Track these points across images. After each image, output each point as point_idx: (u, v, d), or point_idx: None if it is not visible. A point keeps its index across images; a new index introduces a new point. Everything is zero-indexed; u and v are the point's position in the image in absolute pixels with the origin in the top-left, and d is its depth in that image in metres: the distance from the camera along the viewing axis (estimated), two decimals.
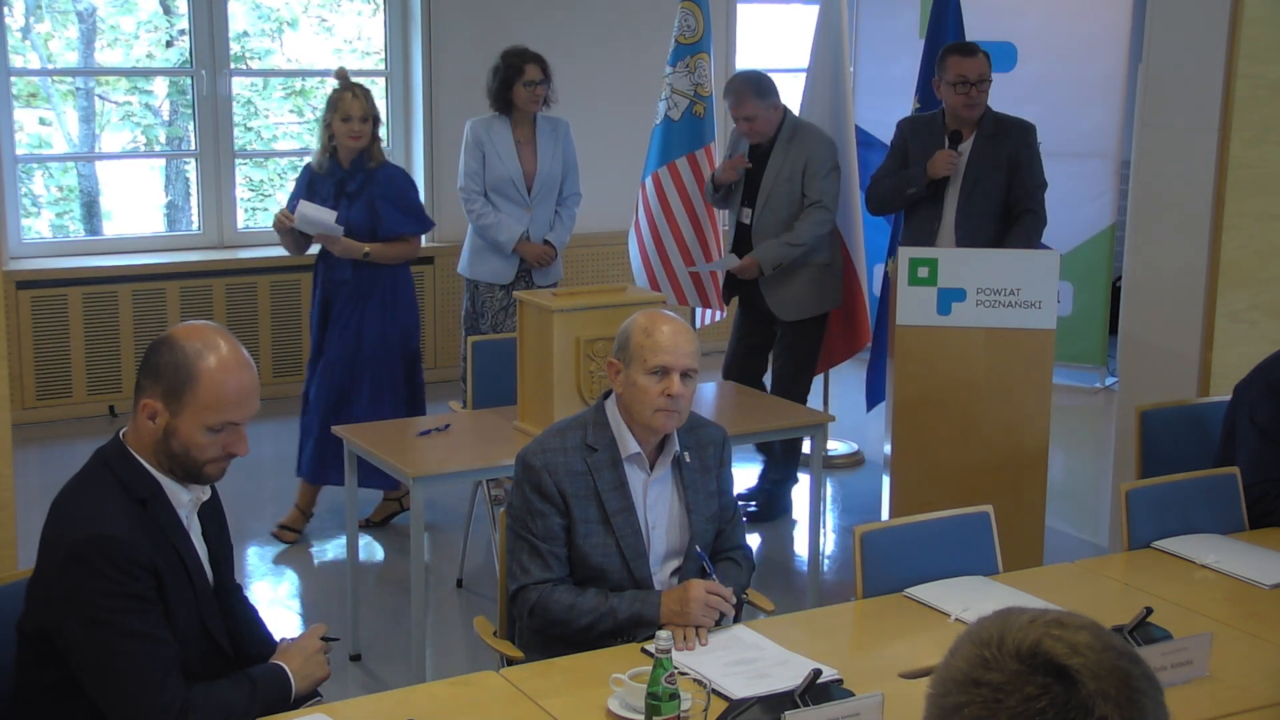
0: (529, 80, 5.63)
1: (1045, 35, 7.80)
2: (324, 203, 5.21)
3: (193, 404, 2.49)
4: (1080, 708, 1.24)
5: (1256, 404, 3.73)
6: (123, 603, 2.43)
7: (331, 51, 8.19)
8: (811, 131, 5.54)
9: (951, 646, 1.34)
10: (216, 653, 2.62)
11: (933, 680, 1.34)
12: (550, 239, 5.79)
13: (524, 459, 3.03)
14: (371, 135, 5.24)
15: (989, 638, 1.31)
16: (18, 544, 3.65)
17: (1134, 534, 3.41)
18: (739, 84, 5.48)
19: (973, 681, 1.28)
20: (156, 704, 2.44)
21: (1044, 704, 1.25)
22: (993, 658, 1.29)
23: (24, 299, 6.83)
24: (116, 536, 2.44)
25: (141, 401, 2.53)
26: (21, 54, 7.49)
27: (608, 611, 2.92)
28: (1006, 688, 1.26)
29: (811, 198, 5.38)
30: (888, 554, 3.14)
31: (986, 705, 1.27)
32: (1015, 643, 1.29)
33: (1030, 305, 4.48)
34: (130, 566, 2.44)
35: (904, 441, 4.67)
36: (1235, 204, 4.66)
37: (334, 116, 5.21)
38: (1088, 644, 1.28)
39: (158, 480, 2.56)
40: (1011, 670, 1.27)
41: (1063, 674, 1.26)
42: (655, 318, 3.06)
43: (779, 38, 9.09)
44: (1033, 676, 1.26)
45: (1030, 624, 1.31)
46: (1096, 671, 1.26)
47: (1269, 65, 4.63)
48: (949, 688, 1.30)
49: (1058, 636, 1.29)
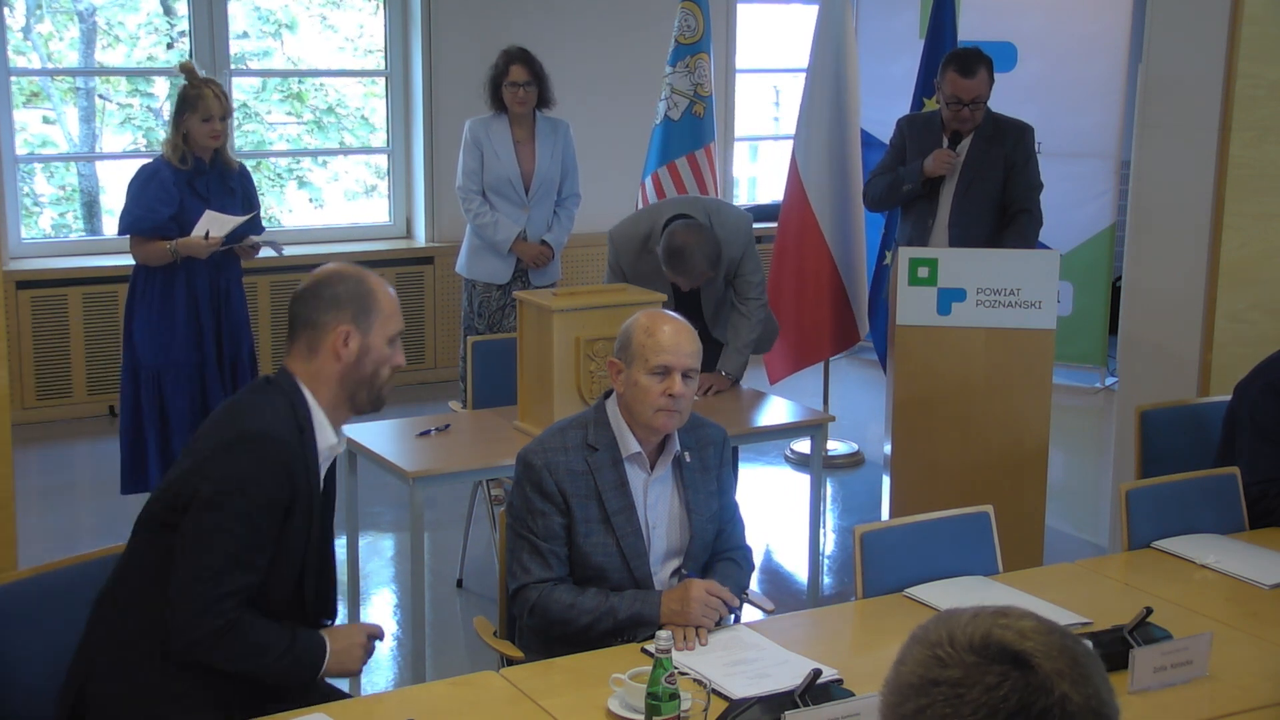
0: (512, 81, 5.63)
1: (1045, 35, 7.81)
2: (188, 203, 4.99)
3: (379, 317, 2.75)
4: (1040, 689, 1.26)
5: (1257, 404, 3.73)
6: (253, 503, 2.57)
7: (334, 50, 8.20)
8: (727, 233, 4.85)
9: (898, 655, 1.35)
10: (298, 601, 2.72)
11: (886, 691, 1.34)
12: (548, 239, 5.79)
13: (524, 458, 3.03)
14: (226, 133, 5.04)
15: (938, 638, 1.32)
16: (18, 544, 3.64)
17: (1134, 534, 3.41)
18: (699, 269, 4.70)
19: (930, 682, 1.29)
20: (209, 599, 2.54)
21: (1005, 690, 1.26)
22: (947, 655, 1.30)
23: (24, 299, 6.83)
24: (286, 441, 2.63)
25: (335, 330, 2.71)
26: (24, 54, 7.49)
27: (608, 611, 2.92)
28: (966, 681, 1.28)
29: (740, 288, 4.95)
30: (888, 554, 3.14)
31: (949, 702, 1.28)
32: (966, 637, 1.30)
33: (1030, 305, 4.48)
34: (280, 475, 2.59)
35: (904, 441, 4.67)
36: (1235, 204, 4.66)
37: (192, 116, 4.91)
38: (1034, 628, 1.31)
39: (312, 416, 2.72)
40: (969, 664, 1.28)
41: (1018, 659, 1.28)
42: (657, 317, 3.06)
43: (779, 38, 9.10)
44: (990, 666, 1.28)
45: (975, 619, 1.32)
46: (1048, 652, 1.29)
47: (1269, 65, 4.63)
48: (905, 694, 1.31)
49: (1005, 625, 1.31)
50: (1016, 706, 1.26)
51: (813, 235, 6.12)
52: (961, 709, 1.27)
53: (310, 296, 2.76)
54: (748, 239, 4.95)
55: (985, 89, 5.16)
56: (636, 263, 4.88)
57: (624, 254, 4.92)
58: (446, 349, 7.78)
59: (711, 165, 6.18)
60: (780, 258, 6.24)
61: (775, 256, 6.27)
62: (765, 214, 8.03)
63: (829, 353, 6.29)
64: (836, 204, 6.12)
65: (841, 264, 6.14)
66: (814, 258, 6.12)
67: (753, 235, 5.00)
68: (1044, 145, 5.85)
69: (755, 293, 4.95)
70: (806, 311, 6.16)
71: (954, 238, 5.23)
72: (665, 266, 4.71)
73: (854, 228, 6.19)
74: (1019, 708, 1.26)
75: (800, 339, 6.20)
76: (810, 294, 6.15)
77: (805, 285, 6.15)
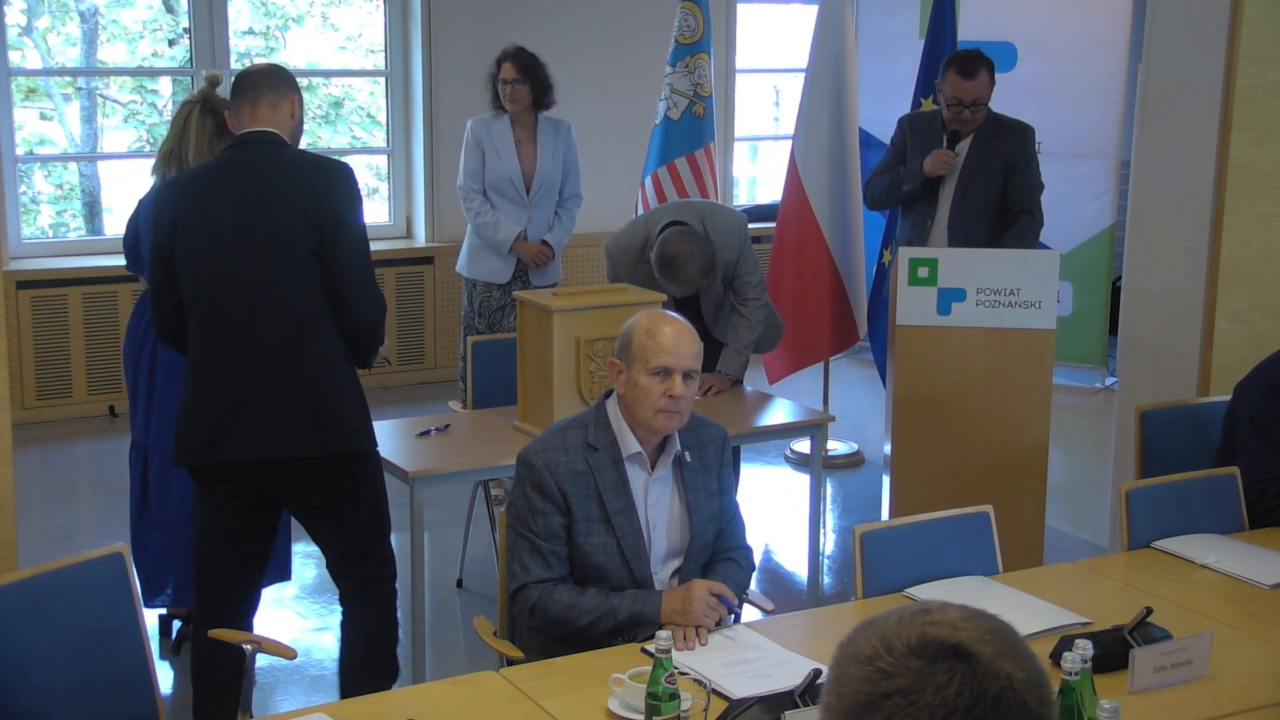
0: (503, 79, 5.64)
1: (1045, 35, 7.81)
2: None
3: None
4: (988, 675, 1.25)
5: (1257, 404, 3.73)
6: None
7: (335, 50, 8.20)
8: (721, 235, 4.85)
9: (831, 678, 1.31)
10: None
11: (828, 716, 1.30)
12: (549, 239, 5.79)
13: (525, 458, 3.03)
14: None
15: (873, 651, 1.28)
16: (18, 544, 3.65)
17: (1134, 534, 3.42)
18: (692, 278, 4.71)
19: (881, 696, 1.26)
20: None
21: (957, 685, 1.25)
22: (890, 666, 1.27)
23: (24, 299, 6.83)
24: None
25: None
26: (20, 49, 7.48)
27: (608, 610, 2.92)
28: (917, 686, 1.25)
29: (739, 290, 4.95)
30: (888, 554, 3.14)
31: (904, 712, 1.25)
32: (904, 643, 1.28)
33: (1030, 305, 4.48)
34: None
35: (904, 441, 4.67)
36: (1235, 204, 4.66)
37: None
38: (961, 618, 1.30)
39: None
40: (914, 668, 1.26)
41: (958, 652, 1.27)
42: (658, 318, 3.06)
43: (779, 38, 9.10)
44: (936, 665, 1.26)
45: (902, 623, 1.30)
46: (981, 638, 1.28)
47: (1269, 65, 4.63)
48: (855, 714, 1.28)
49: (935, 621, 1.29)
50: (971, 698, 1.24)
51: (812, 235, 6.12)
52: (919, 715, 1.24)
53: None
54: (742, 240, 4.94)
55: (986, 91, 5.16)
56: (634, 273, 4.87)
57: (621, 266, 4.92)
58: (446, 349, 7.78)
59: (711, 165, 6.18)
60: (779, 257, 6.24)
61: (774, 256, 6.27)
62: (765, 214, 8.04)
63: (828, 353, 6.29)
64: (836, 204, 6.12)
65: (841, 264, 6.14)
66: (813, 257, 6.12)
67: (748, 236, 4.99)
68: (1044, 145, 5.85)
69: (754, 293, 4.95)
70: (806, 311, 6.16)
71: (953, 238, 5.23)
72: (658, 275, 4.71)
73: (853, 227, 6.19)
74: (974, 699, 1.24)
75: (799, 339, 6.20)
76: (809, 294, 6.14)
77: (804, 285, 6.15)
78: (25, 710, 2.61)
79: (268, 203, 3.41)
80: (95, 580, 2.73)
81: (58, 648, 2.66)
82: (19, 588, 2.62)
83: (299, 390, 3.40)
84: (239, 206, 3.41)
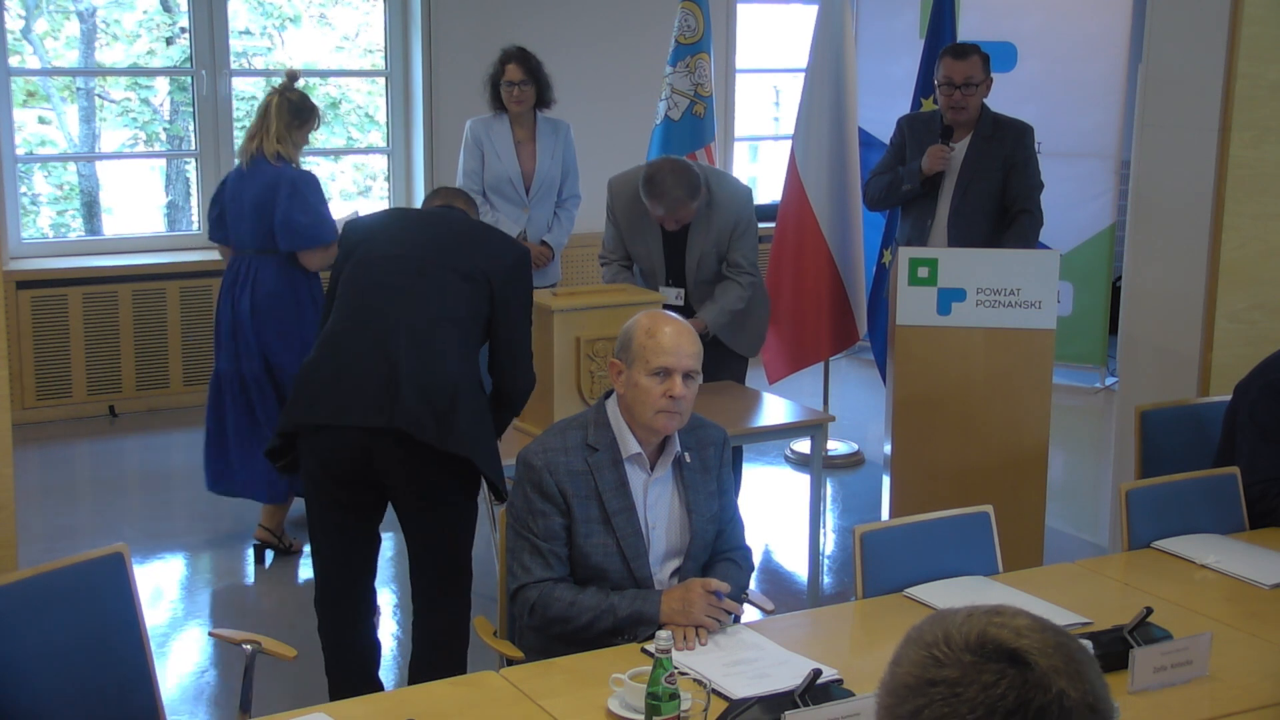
0: (508, 80, 5.64)
1: (1045, 35, 7.81)
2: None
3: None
4: (1038, 686, 1.27)
5: (1256, 404, 3.73)
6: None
7: (333, 49, 8.19)
8: (725, 194, 4.97)
9: (894, 656, 1.35)
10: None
11: (882, 692, 1.34)
12: (548, 240, 5.79)
13: (525, 458, 3.03)
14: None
15: (933, 639, 1.32)
16: (18, 544, 3.65)
17: (1134, 534, 3.42)
18: (673, 194, 4.74)
19: (927, 682, 1.29)
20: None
21: (1003, 688, 1.26)
22: (943, 655, 1.30)
23: (24, 299, 6.83)
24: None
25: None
26: (19, 52, 7.48)
27: (608, 608, 2.92)
28: (964, 680, 1.28)
29: (733, 260, 4.97)
30: (888, 554, 3.14)
31: (946, 702, 1.28)
32: (963, 636, 1.31)
33: (1030, 305, 4.48)
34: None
35: (904, 441, 4.67)
36: (1235, 204, 4.66)
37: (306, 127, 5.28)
38: (1028, 626, 1.31)
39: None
40: (965, 663, 1.29)
41: (1015, 657, 1.28)
42: (658, 318, 3.06)
43: (779, 38, 9.10)
44: (987, 664, 1.28)
45: (970, 618, 1.33)
46: (1044, 650, 1.29)
47: (1269, 65, 4.63)
48: (902, 695, 1.31)
49: (1000, 624, 1.31)
50: (1014, 704, 1.26)
51: (812, 235, 6.12)
52: (959, 708, 1.27)
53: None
54: (745, 208, 5.00)
55: (978, 72, 5.16)
56: (631, 209, 4.97)
57: (619, 198, 5.03)
58: None
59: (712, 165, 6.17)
60: (779, 257, 6.24)
61: (774, 256, 6.27)
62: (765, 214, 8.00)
63: (828, 353, 6.29)
64: (835, 204, 6.12)
65: (841, 264, 6.14)
66: (813, 257, 6.12)
67: (753, 213, 5.06)
68: (1044, 145, 5.85)
69: (738, 259, 4.98)
70: (806, 311, 6.16)
71: (953, 238, 5.23)
72: (643, 194, 4.79)
73: (853, 227, 6.19)
74: (1016, 705, 1.26)
75: (799, 339, 6.20)
76: (809, 294, 6.14)
77: (804, 285, 6.15)
78: (25, 711, 2.61)
79: (460, 245, 3.71)
80: (95, 580, 2.73)
81: (58, 648, 2.66)
82: (19, 588, 2.62)
83: (433, 382, 3.50)
84: (433, 232, 3.77)
